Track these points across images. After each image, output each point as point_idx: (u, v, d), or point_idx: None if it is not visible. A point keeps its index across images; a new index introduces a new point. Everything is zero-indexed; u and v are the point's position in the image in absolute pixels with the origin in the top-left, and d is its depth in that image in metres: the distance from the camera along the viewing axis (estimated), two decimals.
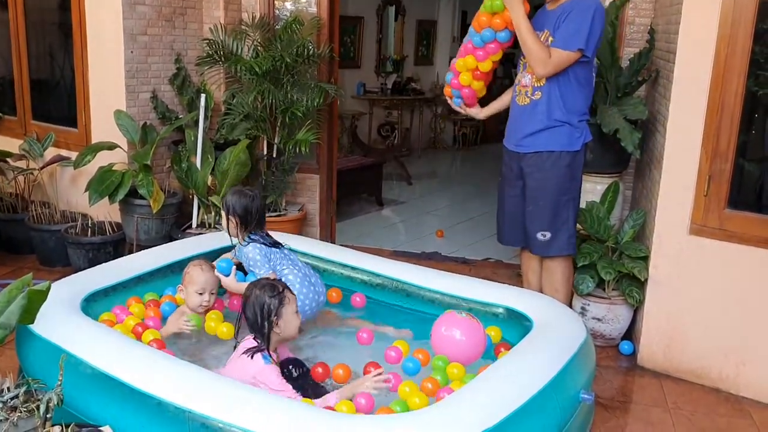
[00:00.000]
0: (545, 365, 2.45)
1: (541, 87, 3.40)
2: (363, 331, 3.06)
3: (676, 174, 3.40)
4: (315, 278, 3.25)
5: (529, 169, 3.51)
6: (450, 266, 4.99)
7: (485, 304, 3.13)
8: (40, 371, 2.51)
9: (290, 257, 3.26)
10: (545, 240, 3.53)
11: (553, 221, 3.50)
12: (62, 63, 5.33)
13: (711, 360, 3.42)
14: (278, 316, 2.59)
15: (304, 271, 3.21)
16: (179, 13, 4.96)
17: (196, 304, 3.03)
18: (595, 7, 3.25)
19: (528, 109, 3.47)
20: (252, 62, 4.54)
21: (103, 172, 4.41)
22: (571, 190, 3.50)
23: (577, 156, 3.44)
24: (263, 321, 2.57)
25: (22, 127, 5.50)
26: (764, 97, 3.31)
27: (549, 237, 3.52)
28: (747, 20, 3.13)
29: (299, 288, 3.08)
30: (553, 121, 3.40)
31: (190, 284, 3.02)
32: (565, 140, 3.41)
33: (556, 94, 3.37)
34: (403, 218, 6.82)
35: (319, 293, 3.20)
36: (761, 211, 3.29)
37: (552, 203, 3.48)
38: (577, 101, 3.40)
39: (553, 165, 3.44)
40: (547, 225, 3.51)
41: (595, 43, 3.31)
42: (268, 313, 2.57)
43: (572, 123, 3.40)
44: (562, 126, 3.40)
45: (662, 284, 3.52)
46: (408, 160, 9.14)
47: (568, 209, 3.50)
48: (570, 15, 3.26)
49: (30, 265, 4.79)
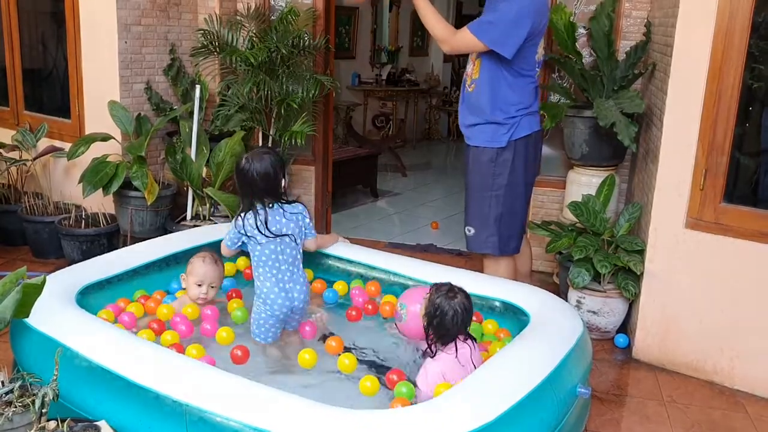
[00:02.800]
0: (542, 360, 2.45)
1: (475, 80, 3.44)
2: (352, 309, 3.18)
3: (673, 167, 3.40)
4: (292, 283, 2.93)
5: (466, 158, 3.62)
6: (445, 258, 5.00)
7: (482, 297, 3.11)
8: (35, 364, 2.49)
9: (279, 250, 2.89)
10: (469, 235, 3.61)
11: (475, 217, 3.55)
12: (55, 53, 5.29)
13: (706, 353, 3.43)
14: None
15: (280, 276, 2.90)
16: (174, 3, 4.92)
17: (194, 295, 3.06)
18: (519, 5, 3.22)
19: (465, 98, 3.56)
20: (247, 53, 4.51)
21: (97, 163, 4.38)
22: (494, 187, 3.48)
23: (502, 152, 3.44)
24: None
25: (15, 118, 5.45)
26: (761, 91, 3.31)
27: (473, 233, 3.58)
28: (744, 12, 3.12)
29: (266, 293, 2.90)
30: (478, 116, 3.47)
31: (190, 275, 3.07)
32: (488, 136, 3.46)
33: (486, 89, 3.41)
34: (397, 209, 6.82)
35: (292, 299, 2.92)
36: (756, 206, 3.29)
37: (474, 198, 3.53)
38: (509, 96, 3.41)
39: (475, 160, 3.50)
40: (469, 220, 3.58)
41: (516, 43, 3.26)
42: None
43: (497, 119, 3.42)
44: (485, 124, 3.45)
45: (658, 278, 3.52)
46: (403, 151, 9.14)
47: (490, 207, 3.50)
48: (497, 3, 3.27)
49: (23, 256, 4.77)
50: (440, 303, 2.47)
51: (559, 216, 4.57)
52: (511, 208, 3.56)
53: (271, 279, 2.90)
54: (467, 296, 2.53)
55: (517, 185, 3.53)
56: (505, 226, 3.56)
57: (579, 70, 4.20)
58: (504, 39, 3.26)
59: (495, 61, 3.37)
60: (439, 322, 2.46)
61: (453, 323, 2.46)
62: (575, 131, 4.18)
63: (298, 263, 2.97)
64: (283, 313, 2.92)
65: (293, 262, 2.93)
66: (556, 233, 4.08)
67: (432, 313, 2.48)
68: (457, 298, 2.49)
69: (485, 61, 3.41)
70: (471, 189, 3.57)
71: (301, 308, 2.99)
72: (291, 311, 2.96)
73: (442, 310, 2.46)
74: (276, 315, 2.92)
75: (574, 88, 4.46)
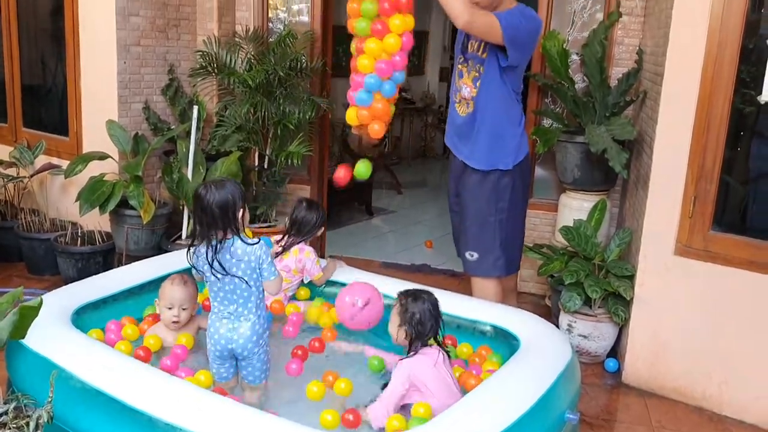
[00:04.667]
0: (531, 386, 2.48)
1: (474, 97, 3.45)
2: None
3: (662, 194, 3.45)
4: (235, 326, 2.65)
5: (462, 184, 3.61)
6: (439, 279, 5.03)
7: (473, 321, 3.15)
8: (30, 384, 2.52)
9: (228, 289, 2.63)
10: (472, 260, 3.62)
11: (478, 242, 3.57)
12: (54, 71, 5.34)
13: (695, 379, 3.47)
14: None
15: (226, 314, 2.66)
16: (173, 25, 4.98)
17: (167, 319, 2.94)
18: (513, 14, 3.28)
19: (463, 122, 3.54)
20: (245, 75, 4.56)
21: (95, 182, 4.41)
22: (498, 211, 3.52)
23: (504, 175, 3.49)
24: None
25: (13, 135, 5.50)
26: (750, 120, 3.37)
27: (476, 257, 3.59)
28: (733, 42, 3.18)
29: (209, 327, 2.71)
30: (482, 138, 3.47)
31: (161, 298, 2.97)
32: (495, 158, 3.48)
33: (489, 109, 3.44)
34: (392, 228, 6.85)
35: (230, 341, 2.65)
36: (745, 234, 3.34)
37: (476, 224, 3.55)
38: (513, 116, 3.48)
39: (478, 185, 3.53)
40: (472, 245, 3.60)
41: (525, 57, 3.38)
42: None
43: (504, 140, 3.46)
44: (492, 145, 3.47)
45: (647, 303, 3.56)
46: (398, 168, 9.18)
47: (495, 231, 3.54)
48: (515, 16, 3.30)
49: (18, 272, 4.80)
50: (413, 307, 2.64)
51: (551, 239, 4.61)
52: (513, 230, 3.62)
53: (216, 313, 2.69)
54: (431, 294, 2.73)
55: (518, 207, 3.60)
56: (510, 248, 3.62)
57: (571, 96, 4.26)
58: (519, 46, 3.30)
59: (497, 80, 3.40)
60: (418, 322, 2.61)
61: (429, 319, 2.63)
62: (567, 156, 4.23)
63: (251, 306, 2.65)
64: (220, 351, 2.68)
65: (244, 304, 2.64)
66: (548, 256, 4.13)
67: (410, 319, 2.62)
68: (425, 298, 2.68)
69: (486, 80, 3.42)
70: (473, 214, 3.58)
71: (245, 356, 2.68)
72: (230, 355, 2.70)
73: (417, 313, 2.62)
74: (213, 352, 2.70)
75: (567, 113, 4.52)
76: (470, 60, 3.48)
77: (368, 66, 3.05)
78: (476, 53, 3.44)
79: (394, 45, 3.02)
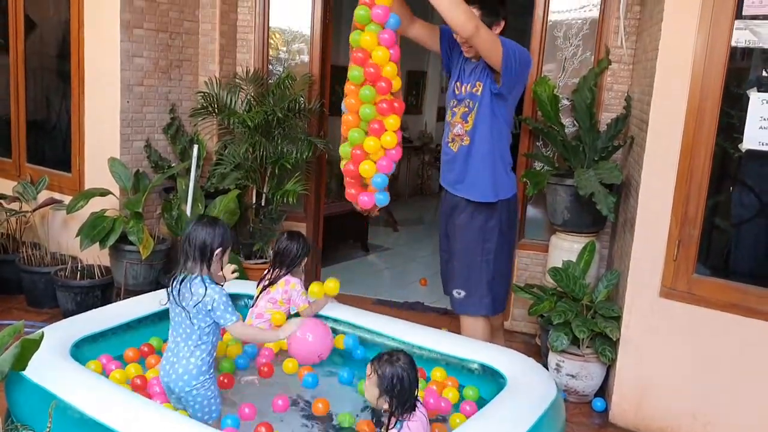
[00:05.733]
0: (517, 422, 2.55)
1: (468, 131, 3.52)
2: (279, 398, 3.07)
3: (648, 238, 3.54)
4: (173, 360, 2.73)
5: (451, 223, 3.69)
6: (431, 317, 5.09)
7: (461, 359, 3.24)
8: (29, 415, 2.59)
9: (177, 321, 2.74)
10: (459, 298, 3.68)
11: (466, 280, 3.64)
12: (59, 109, 5.47)
13: (679, 419, 3.53)
14: None
15: (171, 347, 2.76)
16: (175, 66, 5.12)
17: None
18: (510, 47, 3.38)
19: (457, 157, 3.60)
20: (245, 116, 4.70)
21: (95, 218, 4.51)
22: (485, 251, 3.59)
23: (493, 215, 3.57)
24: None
25: (17, 170, 5.62)
26: (732, 167, 3.48)
27: (463, 295, 3.66)
28: (715, 91, 3.29)
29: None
30: (477, 170, 3.55)
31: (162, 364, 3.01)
32: (490, 190, 3.54)
33: (486, 142, 3.51)
34: (387, 265, 6.92)
35: (168, 375, 2.72)
36: (728, 277, 3.42)
37: (465, 263, 3.63)
38: (506, 150, 3.58)
39: (466, 224, 3.60)
40: (460, 283, 3.66)
41: (518, 86, 3.48)
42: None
43: (498, 173, 3.55)
44: (487, 177, 3.54)
45: (633, 344, 3.64)
46: (395, 206, 9.26)
47: (482, 270, 3.61)
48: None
49: (18, 305, 4.86)
50: (391, 372, 2.49)
51: (542, 279, 4.70)
52: (501, 270, 3.70)
53: (168, 343, 2.81)
54: (406, 353, 2.58)
55: (505, 248, 3.68)
56: (497, 288, 3.69)
57: (561, 140, 4.39)
58: (513, 72, 3.38)
59: (488, 114, 3.49)
60: (400, 389, 2.47)
61: (410, 382, 2.49)
62: (557, 198, 4.34)
63: (190, 345, 2.70)
64: (165, 385, 2.76)
65: (185, 341, 2.70)
66: (538, 296, 4.21)
67: (390, 386, 2.48)
68: (400, 360, 2.52)
69: (480, 115, 3.50)
70: (461, 253, 3.66)
71: (181, 396, 2.72)
72: (170, 390, 2.76)
73: (396, 376, 2.48)
74: (162, 381, 2.80)
75: (557, 156, 4.64)
76: (461, 100, 3.57)
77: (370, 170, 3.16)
78: (469, 92, 3.53)
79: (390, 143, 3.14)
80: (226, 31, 5.25)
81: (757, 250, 3.57)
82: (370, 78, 3.05)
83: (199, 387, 2.69)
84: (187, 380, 2.68)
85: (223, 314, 2.67)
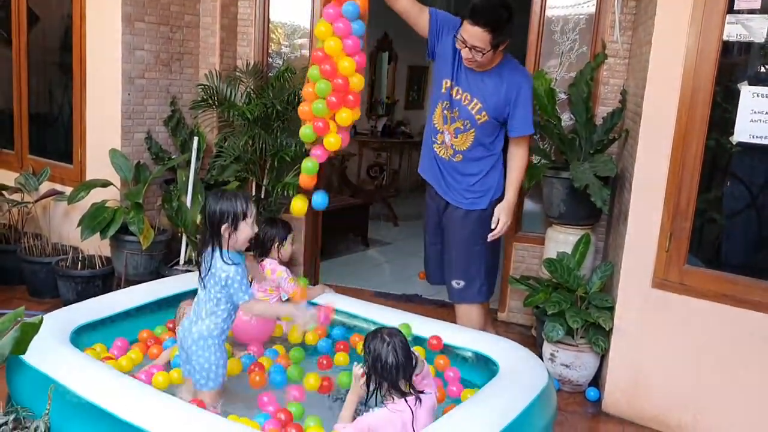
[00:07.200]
0: (508, 407, 2.60)
1: (462, 151, 3.60)
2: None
3: (640, 230, 3.59)
4: (192, 318, 2.85)
5: (446, 215, 3.74)
6: (429, 309, 5.14)
7: (455, 347, 3.29)
8: (29, 399, 2.64)
9: (202, 284, 2.83)
10: (458, 288, 3.75)
11: (465, 271, 3.71)
12: (61, 101, 5.52)
13: (671, 409, 3.57)
14: None
15: (195, 308, 2.87)
16: (176, 59, 5.17)
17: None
18: (531, 85, 3.53)
19: (451, 168, 3.68)
20: (244, 108, 4.74)
21: (96, 208, 4.56)
22: (481, 241, 3.65)
23: (486, 210, 3.65)
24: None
25: (19, 161, 5.67)
26: (723, 160, 3.52)
27: (462, 285, 3.73)
28: (706, 85, 3.33)
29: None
30: (476, 185, 3.63)
31: (180, 320, 3.16)
32: (485, 199, 3.64)
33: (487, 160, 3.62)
34: (387, 259, 6.96)
35: (184, 328, 2.87)
36: (718, 268, 3.47)
37: (462, 254, 3.70)
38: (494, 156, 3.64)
39: (463, 222, 3.67)
40: (459, 274, 3.73)
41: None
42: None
43: (486, 182, 3.64)
44: (484, 190, 3.64)
45: (626, 334, 3.68)
46: (395, 201, 9.31)
47: (480, 259, 3.69)
48: (520, 98, 3.46)
49: (20, 295, 4.92)
50: (376, 347, 2.45)
51: (538, 271, 4.74)
52: (494, 259, 3.78)
53: (193, 305, 2.93)
54: (403, 338, 2.51)
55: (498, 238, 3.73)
56: (490, 276, 3.77)
57: (558, 134, 4.42)
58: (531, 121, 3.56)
59: (491, 134, 3.57)
60: (382, 366, 2.42)
61: (396, 364, 2.42)
62: (553, 191, 4.38)
63: (202, 311, 2.82)
64: (179, 339, 2.89)
65: (203, 303, 2.81)
66: (533, 288, 4.26)
67: (372, 361, 2.45)
68: (392, 339, 2.46)
69: (475, 141, 3.57)
70: (459, 245, 3.71)
71: (187, 352, 2.84)
72: (182, 348, 2.88)
73: (379, 353, 2.43)
74: (177, 337, 2.97)
75: (554, 149, 4.68)
76: (454, 108, 3.56)
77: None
78: (468, 112, 3.52)
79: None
80: (226, 24, 5.30)
81: (747, 242, 3.62)
82: (325, 74, 3.20)
83: (203, 347, 2.78)
84: (196, 338, 2.79)
85: (236, 291, 2.74)
